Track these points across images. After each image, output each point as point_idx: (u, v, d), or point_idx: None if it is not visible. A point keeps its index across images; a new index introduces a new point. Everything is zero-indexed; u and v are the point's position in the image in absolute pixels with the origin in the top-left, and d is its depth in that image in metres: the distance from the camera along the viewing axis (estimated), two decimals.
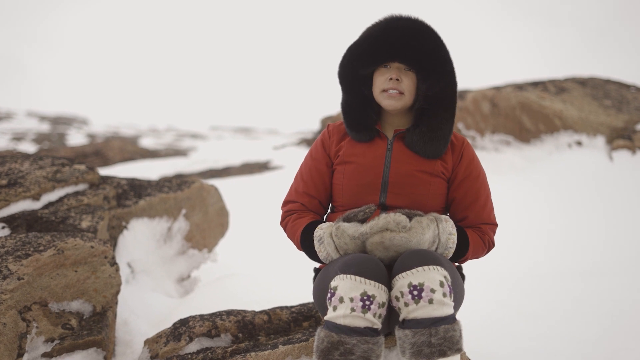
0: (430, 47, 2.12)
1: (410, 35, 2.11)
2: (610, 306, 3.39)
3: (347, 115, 2.24)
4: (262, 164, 12.81)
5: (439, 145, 2.16)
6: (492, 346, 2.84)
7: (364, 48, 2.16)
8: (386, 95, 2.15)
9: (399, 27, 2.12)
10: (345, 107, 2.25)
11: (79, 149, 18.04)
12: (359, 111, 2.22)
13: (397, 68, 2.14)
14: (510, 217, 5.58)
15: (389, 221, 1.94)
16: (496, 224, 2.26)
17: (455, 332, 1.86)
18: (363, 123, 2.21)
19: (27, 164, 3.50)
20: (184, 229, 3.95)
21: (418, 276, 1.86)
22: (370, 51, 2.14)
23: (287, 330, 2.55)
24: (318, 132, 12.54)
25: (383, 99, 2.16)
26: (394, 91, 2.13)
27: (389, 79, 2.13)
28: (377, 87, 2.18)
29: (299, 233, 2.18)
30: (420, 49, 2.10)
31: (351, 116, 2.23)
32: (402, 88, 2.13)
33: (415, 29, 2.12)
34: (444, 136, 2.16)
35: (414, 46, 2.10)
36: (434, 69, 2.12)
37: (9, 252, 2.57)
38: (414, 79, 2.14)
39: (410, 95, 2.16)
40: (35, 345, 2.45)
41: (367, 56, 2.16)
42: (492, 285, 3.96)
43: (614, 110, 8.24)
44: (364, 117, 2.21)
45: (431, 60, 2.11)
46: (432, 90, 2.12)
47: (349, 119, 2.24)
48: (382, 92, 2.16)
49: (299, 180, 2.31)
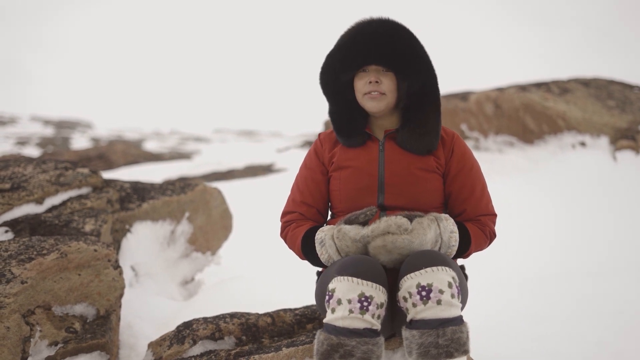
0: (405, 45, 2.14)
1: (383, 36, 2.14)
2: (616, 307, 3.38)
3: (335, 123, 2.27)
4: (266, 167, 12.82)
5: (430, 139, 2.18)
6: (496, 347, 2.83)
7: (340, 55, 2.19)
8: (368, 97, 2.17)
9: (371, 31, 2.15)
10: (332, 115, 2.29)
11: (82, 152, 18.09)
12: (347, 117, 2.24)
13: (375, 70, 2.17)
14: (514, 218, 5.57)
15: (390, 224, 1.95)
16: (495, 214, 2.27)
17: (463, 333, 1.86)
18: (352, 128, 2.23)
19: (30, 168, 3.51)
20: (187, 232, 3.95)
21: (427, 277, 1.87)
22: (346, 57, 2.18)
23: (290, 333, 2.54)
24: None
25: (366, 102, 2.19)
26: (375, 93, 2.16)
27: (369, 82, 2.16)
28: (358, 91, 2.20)
29: (300, 240, 2.19)
30: (394, 49, 2.13)
31: (340, 123, 2.26)
32: (383, 89, 2.16)
33: (387, 30, 2.15)
34: (433, 129, 2.18)
35: (388, 47, 2.13)
36: (411, 66, 2.14)
37: (13, 255, 2.57)
38: (394, 79, 2.17)
39: (392, 95, 2.18)
40: (39, 349, 2.45)
41: (344, 63, 2.18)
42: (497, 287, 3.95)
43: (617, 111, 8.22)
44: (352, 123, 2.24)
45: (407, 58, 2.14)
46: (414, 88, 2.16)
47: (338, 126, 2.26)
48: (364, 96, 2.18)
49: (296, 191, 2.33)
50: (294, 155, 13.90)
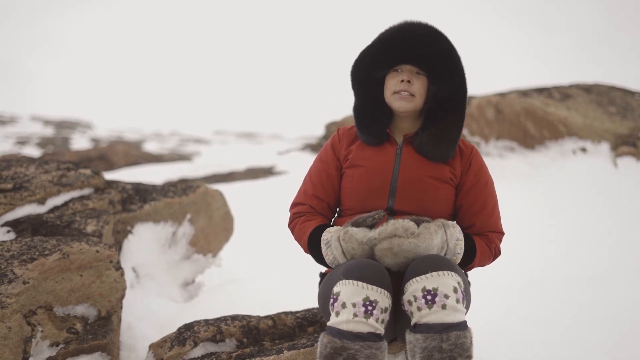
0: (442, 50, 2.16)
1: (423, 39, 2.15)
2: (617, 312, 3.38)
3: (358, 118, 2.27)
4: (267, 169, 12.82)
5: (447, 147, 2.17)
6: (498, 353, 2.83)
7: (377, 51, 2.20)
8: (397, 97, 2.17)
9: (411, 32, 2.17)
10: (357, 110, 2.28)
11: (83, 153, 18.09)
12: (370, 113, 2.24)
13: (408, 71, 2.18)
14: (515, 223, 5.56)
15: (397, 227, 1.95)
16: (503, 232, 2.26)
17: (467, 338, 1.86)
18: (374, 126, 2.23)
19: (32, 168, 3.51)
20: (188, 234, 3.95)
21: (432, 281, 1.87)
22: (383, 54, 2.19)
23: (292, 336, 2.54)
24: (322, 138, 12.56)
25: (394, 101, 2.19)
26: (405, 93, 2.16)
27: (400, 81, 2.16)
28: (388, 89, 2.20)
29: (307, 236, 2.19)
30: (431, 53, 2.14)
31: (362, 118, 2.25)
32: (413, 90, 2.16)
33: (427, 34, 2.17)
34: (452, 139, 2.17)
35: (425, 49, 2.14)
36: (444, 72, 2.15)
37: (15, 256, 2.57)
38: (425, 83, 2.18)
39: (421, 98, 2.18)
40: (40, 349, 2.45)
41: (379, 59, 2.20)
42: (498, 292, 3.94)
43: (618, 117, 8.23)
44: (375, 120, 2.24)
45: (442, 63, 2.15)
46: (442, 93, 2.15)
47: (360, 121, 2.26)
48: (394, 94, 2.18)
49: (308, 183, 2.32)
50: (295, 157, 13.89)
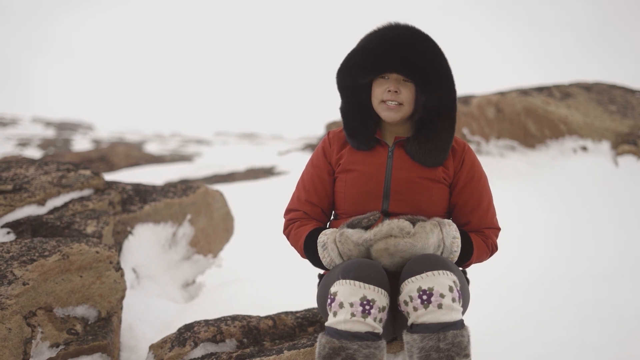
0: (429, 58, 2.09)
1: (408, 46, 2.08)
2: (618, 312, 3.37)
3: (346, 123, 2.23)
4: (267, 170, 12.83)
5: (439, 155, 2.15)
6: (498, 353, 2.83)
7: (361, 58, 2.14)
8: (385, 107, 2.13)
9: (397, 40, 2.09)
10: (343, 112, 2.24)
11: (84, 154, 18.09)
12: (358, 119, 2.20)
13: (395, 79, 2.12)
14: (515, 222, 5.56)
15: (393, 227, 1.95)
16: (499, 228, 2.26)
17: (464, 337, 1.86)
18: (362, 133, 2.20)
19: (32, 169, 3.51)
20: (189, 234, 3.95)
21: (427, 281, 1.87)
22: (368, 62, 2.12)
23: (292, 336, 2.54)
24: (322, 138, 12.58)
25: (382, 110, 2.15)
26: (392, 103, 2.12)
27: (388, 90, 2.12)
28: (375, 97, 2.16)
29: (303, 240, 2.18)
30: (418, 61, 2.07)
31: (350, 124, 2.22)
32: (401, 99, 2.12)
33: (412, 40, 2.10)
34: (444, 146, 2.15)
35: (412, 58, 2.07)
36: (432, 80, 2.09)
37: (14, 257, 2.57)
38: (413, 90, 2.12)
39: (410, 106, 2.14)
40: (40, 351, 2.45)
41: (364, 67, 2.13)
42: (499, 292, 3.94)
43: (619, 116, 8.22)
44: (363, 126, 2.20)
45: (429, 71, 2.09)
46: (432, 102, 2.10)
47: (349, 127, 2.22)
48: (381, 103, 2.14)
49: (301, 189, 2.30)
50: (296, 158, 13.90)
